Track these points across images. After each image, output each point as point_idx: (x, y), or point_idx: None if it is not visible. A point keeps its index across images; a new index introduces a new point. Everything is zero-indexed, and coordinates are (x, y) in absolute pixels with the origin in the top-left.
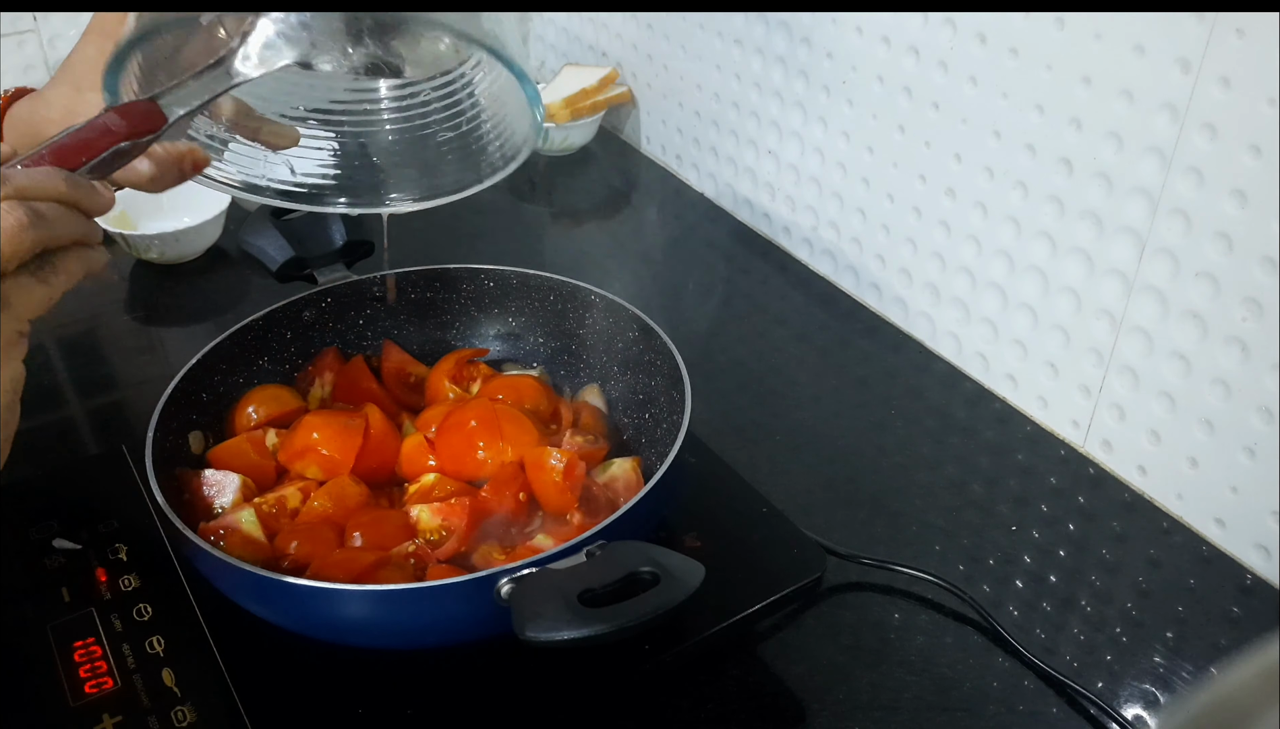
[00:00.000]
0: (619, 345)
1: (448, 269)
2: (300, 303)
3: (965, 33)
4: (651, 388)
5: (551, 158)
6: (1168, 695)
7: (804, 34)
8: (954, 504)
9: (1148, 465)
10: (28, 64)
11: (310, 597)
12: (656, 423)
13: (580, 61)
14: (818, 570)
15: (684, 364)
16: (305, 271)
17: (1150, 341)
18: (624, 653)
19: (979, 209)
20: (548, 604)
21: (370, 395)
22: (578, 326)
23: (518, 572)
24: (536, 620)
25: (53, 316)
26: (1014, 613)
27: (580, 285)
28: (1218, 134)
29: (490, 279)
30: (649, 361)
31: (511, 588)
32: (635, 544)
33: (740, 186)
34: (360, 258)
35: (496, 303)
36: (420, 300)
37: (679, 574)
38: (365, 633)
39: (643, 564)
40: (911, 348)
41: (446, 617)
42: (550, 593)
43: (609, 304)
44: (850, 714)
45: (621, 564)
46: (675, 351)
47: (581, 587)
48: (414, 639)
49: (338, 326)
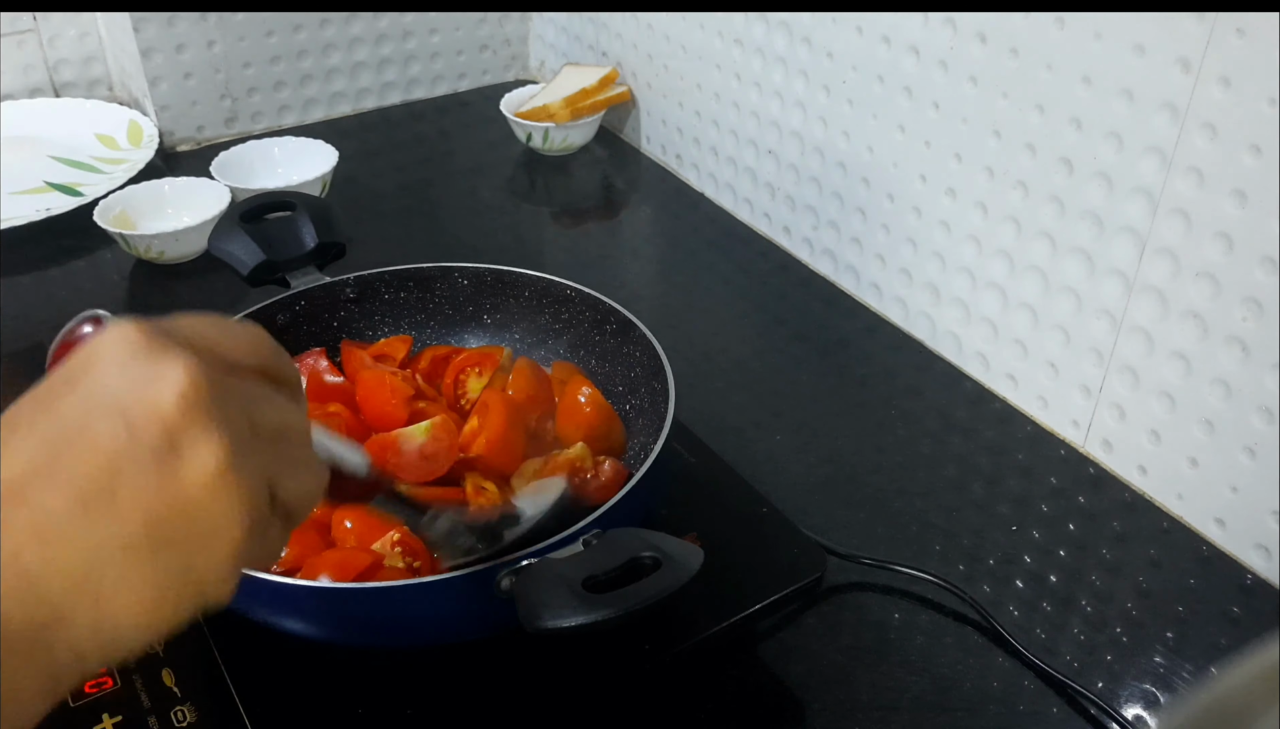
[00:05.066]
0: (596, 338)
1: (421, 268)
2: (273, 306)
3: (965, 33)
4: (632, 379)
5: (551, 158)
6: (1168, 695)
7: (804, 34)
8: (954, 504)
9: (1148, 465)
10: (28, 64)
11: (310, 597)
12: (639, 414)
13: (580, 61)
14: (818, 570)
15: (663, 350)
16: (277, 275)
17: (1150, 341)
18: (624, 652)
19: (979, 209)
20: (553, 592)
21: (336, 394)
22: (553, 322)
23: (518, 563)
24: (544, 609)
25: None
26: (1014, 613)
27: (555, 280)
28: (1218, 134)
29: (465, 277)
30: (628, 353)
31: (514, 579)
32: (632, 531)
33: (740, 186)
34: (332, 260)
35: (471, 301)
36: (394, 301)
37: (679, 557)
38: (364, 632)
39: (643, 549)
40: (911, 348)
41: (446, 611)
42: (554, 581)
43: (585, 298)
44: (850, 714)
45: (622, 550)
46: (654, 340)
47: (585, 573)
48: (414, 636)
49: (312, 329)
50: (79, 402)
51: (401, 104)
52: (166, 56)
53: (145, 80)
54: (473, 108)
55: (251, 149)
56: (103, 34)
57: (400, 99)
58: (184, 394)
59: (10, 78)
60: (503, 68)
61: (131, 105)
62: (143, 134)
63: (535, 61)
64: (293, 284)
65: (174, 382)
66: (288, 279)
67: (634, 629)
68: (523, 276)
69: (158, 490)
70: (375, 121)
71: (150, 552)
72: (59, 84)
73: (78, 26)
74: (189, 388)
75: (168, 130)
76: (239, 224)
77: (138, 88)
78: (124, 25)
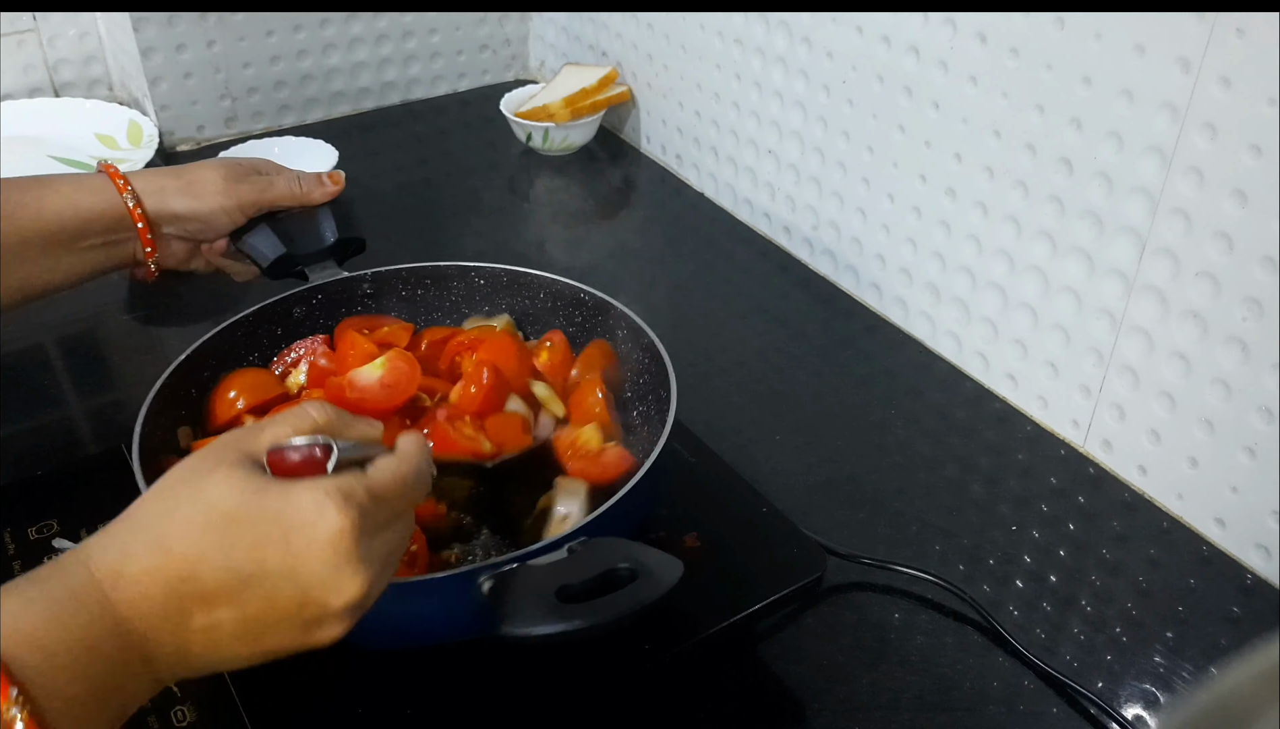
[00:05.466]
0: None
1: (439, 266)
2: (290, 299)
3: (965, 33)
4: (640, 385)
5: (551, 158)
6: (1168, 695)
7: (804, 34)
8: (954, 504)
9: (1148, 465)
10: (28, 63)
11: None
12: (645, 421)
13: (580, 61)
14: (818, 570)
15: (669, 361)
16: (297, 269)
17: (1150, 341)
18: (624, 652)
19: (979, 209)
20: (525, 600)
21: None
22: (567, 324)
23: (499, 568)
24: (514, 617)
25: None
26: (1014, 613)
27: (570, 283)
28: (1218, 134)
29: (481, 277)
30: (637, 359)
31: (491, 585)
32: (615, 541)
33: (740, 186)
34: (351, 255)
35: (487, 300)
36: (411, 298)
37: (656, 571)
38: None
39: (620, 561)
40: (911, 348)
41: (428, 613)
42: (528, 589)
43: (598, 303)
44: (850, 714)
45: (600, 561)
46: (662, 350)
47: (559, 582)
48: (396, 637)
49: (328, 323)
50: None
51: (401, 104)
52: (166, 56)
53: (145, 80)
54: (473, 108)
55: (251, 149)
56: (103, 34)
57: (400, 99)
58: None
59: (10, 78)
60: (503, 68)
61: (131, 105)
62: (143, 134)
63: (535, 61)
64: (311, 278)
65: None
66: (306, 273)
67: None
68: (538, 278)
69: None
70: (375, 121)
71: (275, 639)
72: (59, 84)
73: (78, 26)
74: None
75: (168, 130)
76: (262, 218)
77: (138, 87)
78: (124, 25)
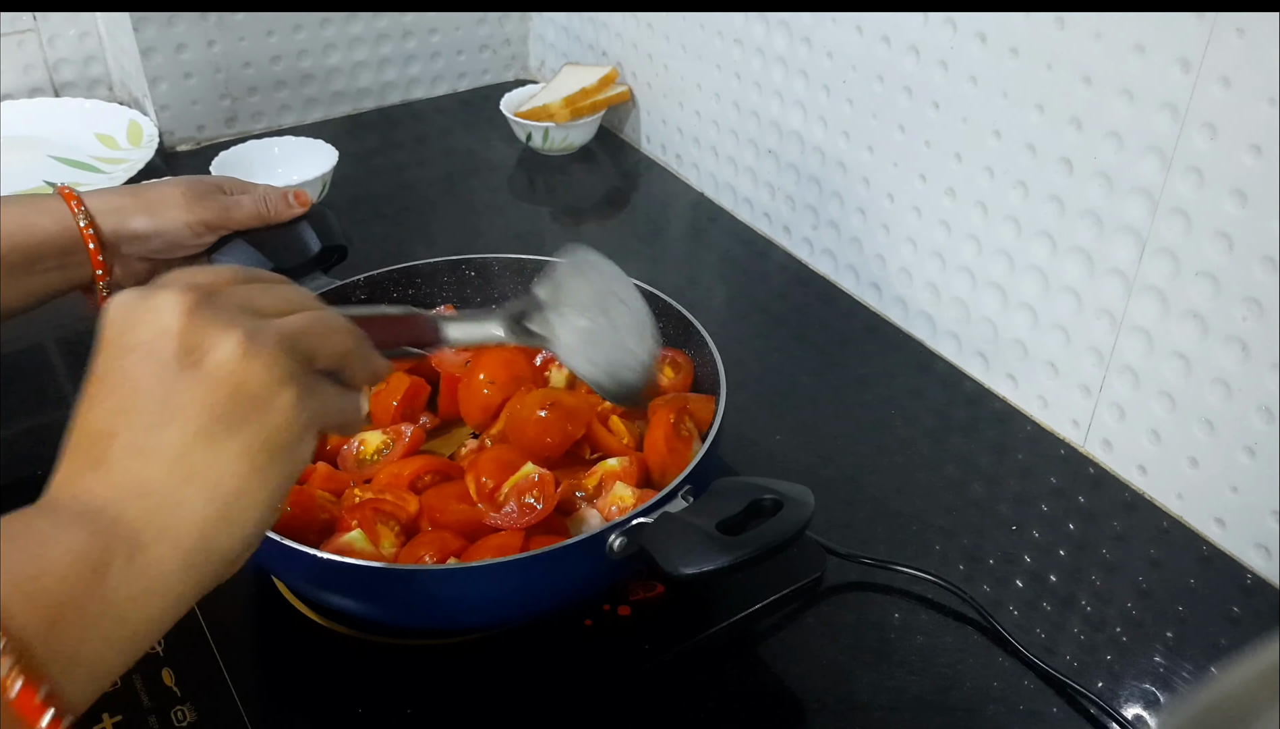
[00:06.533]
0: None
1: (430, 263)
2: None
3: (965, 33)
4: None
5: (551, 157)
6: (1168, 695)
7: (804, 34)
8: (954, 504)
9: (1148, 465)
10: (28, 63)
11: (416, 579)
12: None
13: (580, 61)
14: (818, 570)
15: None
16: None
17: (1150, 341)
18: (624, 653)
19: (979, 208)
20: (689, 540)
21: None
22: None
23: (628, 523)
24: (687, 555)
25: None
26: (1014, 613)
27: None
28: (1218, 134)
29: (471, 268)
30: None
31: (637, 536)
32: (738, 479)
33: (740, 186)
34: (335, 263)
35: (479, 292)
36: (402, 298)
37: (795, 495)
38: (462, 613)
39: (760, 492)
40: (911, 347)
41: (558, 581)
42: (686, 530)
43: None
44: (850, 714)
45: (740, 495)
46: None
47: (716, 519)
48: (521, 610)
49: None
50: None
51: (401, 104)
52: (166, 56)
53: (145, 80)
54: (473, 108)
55: (251, 149)
56: (103, 34)
57: (400, 99)
58: (181, 307)
59: (10, 78)
60: (503, 68)
61: (131, 105)
62: (143, 134)
63: (535, 61)
64: None
65: (170, 304)
66: None
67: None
68: (529, 263)
69: (199, 385)
70: (375, 121)
71: (226, 434)
72: (59, 84)
73: (78, 26)
74: (183, 301)
75: (168, 130)
76: (237, 235)
77: (138, 87)
78: (124, 25)
